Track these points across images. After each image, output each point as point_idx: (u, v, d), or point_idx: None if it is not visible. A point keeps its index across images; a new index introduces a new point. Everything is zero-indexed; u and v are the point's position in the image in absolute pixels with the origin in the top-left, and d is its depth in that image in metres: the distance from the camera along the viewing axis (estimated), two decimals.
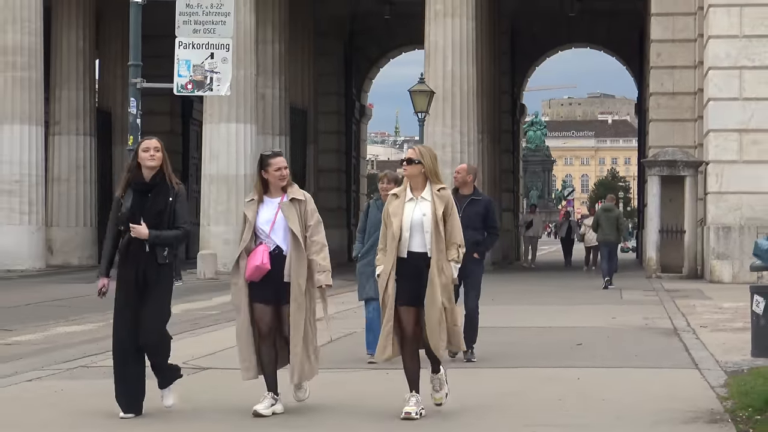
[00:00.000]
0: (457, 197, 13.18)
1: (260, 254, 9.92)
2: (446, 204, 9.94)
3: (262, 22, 36.79)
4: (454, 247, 9.88)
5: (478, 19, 35.65)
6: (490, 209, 14.04)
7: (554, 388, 11.56)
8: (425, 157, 10.12)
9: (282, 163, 10.10)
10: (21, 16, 35.77)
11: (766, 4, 27.16)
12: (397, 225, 9.85)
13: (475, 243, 13.51)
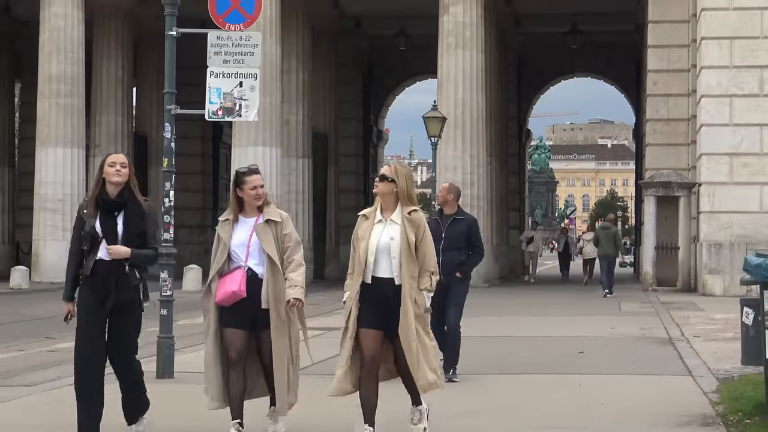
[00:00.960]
0: (441, 217, 12.91)
1: (237, 279, 8.78)
2: (418, 228, 8.68)
3: (287, 54, 36.87)
4: (427, 274, 8.70)
5: (487, 51, 35.70)
6: (473, 228, 13.06)
7: (557, 393, 11.56)
8: (399, 177, 8.78)
9: (258, 182, 9.11)
10: (65, 47, 35.93)
11: (754, 37, 27.16)
12: (364, 248, 8.68)
13: (459, 264, 12.80)
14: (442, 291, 11.60)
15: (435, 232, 11.41)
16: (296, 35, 38.05)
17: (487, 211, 35.74)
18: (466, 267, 12.97)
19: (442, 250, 12.25)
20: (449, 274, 12.41)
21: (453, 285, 12.62)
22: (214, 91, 12.70)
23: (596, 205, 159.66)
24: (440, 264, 11.26)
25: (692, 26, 30.54)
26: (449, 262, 12.51)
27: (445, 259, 12.20)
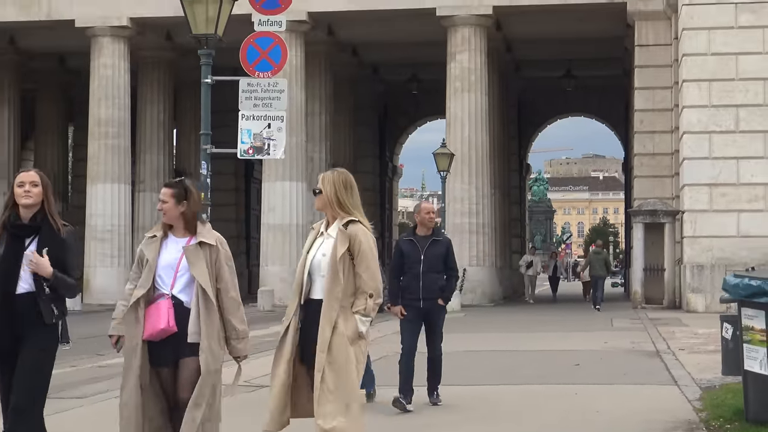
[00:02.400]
0: (416, 238, 11.26)
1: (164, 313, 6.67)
2: (352, 242, 6.88)
3: (310, 98, 36.99)
4: (364, 296, 6.83)
5: (490, 94, 35.76)
6: (451, 250, 11.52)
7: (555, 403, 11.50)
8: (326, 184, 7.09)
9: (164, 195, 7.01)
10: (112, 93, 36.14)
11: (730, 79, 27.15)
12: (301, 265, 7.11)
13: (441, 288, 11.22)
14: (419, 317, 11.07)
15: (412, 255, 11.09)
16: (319, 81, 38.17)
17: (491, 237, 35.71)
18: (448, 293, 11.42)
19: (422, 273, 11.07)
20: (431, 299, 11.12)
21: (434, 312, 11.25)
22: (245, 132, 12.74)
23: (590, 232, 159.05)
24: (421, 288, 10.99)
25: (674, 70, 30.56)
26: (430, 286, 11.12)
27: (426, 283, 11.07)
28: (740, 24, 27.14)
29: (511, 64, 43.30)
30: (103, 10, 35.62)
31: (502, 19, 35.61)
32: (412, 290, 11.07)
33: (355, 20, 36.18)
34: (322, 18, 35.64)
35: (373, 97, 48.64)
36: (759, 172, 26.85)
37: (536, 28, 36.96)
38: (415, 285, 11.07)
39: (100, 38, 36.00)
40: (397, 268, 11.25)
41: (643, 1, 32.42)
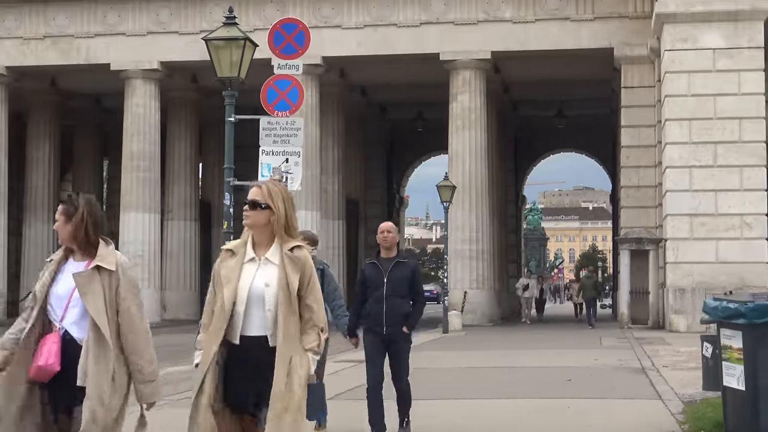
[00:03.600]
0: (379, 261, 9.79)
1: (47, 350, 5.25)
2: (303, 271, 5.42)
3: (324, 134, 37.08)
4: (315, 331, 5.42)
5: (489, 131, 35.81)
6: (417, 273, 9.94)
7: (549, 415, 11.45)
8: (276, 200, 5.52)
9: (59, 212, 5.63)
10: (143, 130, 36.26)
11: (709, 118, 27.16)
12: (229, 295, 5.35)
13: (405, 315, 9.69)
14: (382, 346, 9.71)
15: (375, 278, 9.71)
16: (332, 119, 38.27)
17: (490, 262, 35.67)
18: (413, 320, 9.85)
19: (386, 297, 9.60)
20: (394, 325, 9.63)
21: (399, 339, 9.74)
22: (265, 166, 12.76)
23: (580, 258, 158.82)
24: (384, 314, 9.58)
25: (658, 110, 30.59)
26: (394, 311, 9.61)
27: (389, 309, 9.59)
28: (718, 68, 27.19)
29: (508, 104, 43.38)
30: (135, 54, 35.80)
31: (499, 63, 35.70)
32: (375, 316, 9.66)
33: (365, 64, 36.31)
34: (335, 62, 35.76)
35: (381, 134, 48.73)
36: (735, 204, 26.83)
37: (531, 72, 37.06)
38: (378, 311, 9.63)
39: (132, 80, 36.16)
40: (360, 293, 9.90)
41: (629, 47, 32.50)
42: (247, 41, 12.37)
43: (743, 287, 24.80)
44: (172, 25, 35.58)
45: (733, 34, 27.07)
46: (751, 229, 26.72)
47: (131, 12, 35.78)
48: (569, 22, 33.36)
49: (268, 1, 34.75)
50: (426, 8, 34.09)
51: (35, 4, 36.25)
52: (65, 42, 36.27)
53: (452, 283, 33.56)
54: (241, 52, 12.26)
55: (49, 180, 41.02)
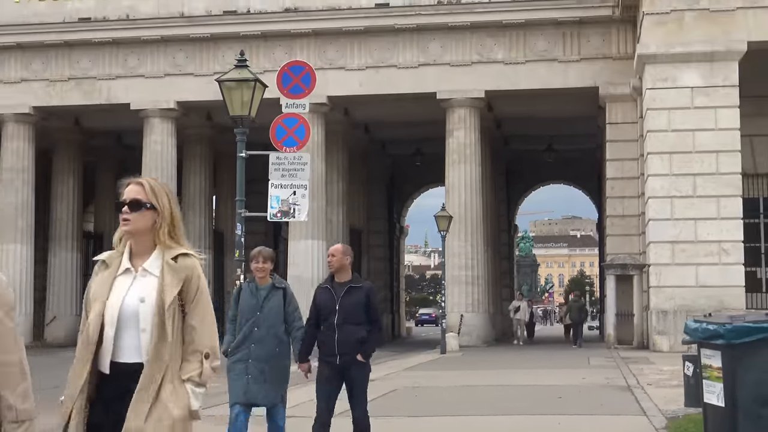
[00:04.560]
0: (333, 285, 8.66)
1: None
2: (187, 281, 4.17)
3: (329, 168, 37.13)
4: (197, 357, 4.15)
5: (483, 165, 35.87)
6: (372, 297, 8.72)
7: (541, 431, 11.39)
8: (161, 197, 4.35)
9: None
10: (161, 165, 36.32)
11: (688, 152, 27.18)
12: (97, 315, 4.13)
13: (360, 341, 8.54)
14: (336, 375, 8.61)
15: (327, 305, 8.62)
16: (337, 155, 38.34)
17: (484, 287, 35.62)
18: (369, 347, 8.65)
19: (338, 325, 8.51)
20: (348, 354, 8.51)
21: (353, 369, 8.58)
22: (274, 198, 12.77)
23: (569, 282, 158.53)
24: (336, 342, 8.51)
25: (640, 144, 30.63)
26: (347, 339, 8.52)
27: (342, 336, 8.51)
28: (696, 105, 27.25)
29: (501, 140, 43.47)
30: (153, 95, 35.93)
31: (492, 102, 35.81)
32: (327, 345, 8.60)
33: (367, 103, 36.43)
34: (339, 101, 35.88)
35: (383, 168, 48.81)
36: (714, 231, 26.81)
37: (522, 109, 37.17)
38: (331, 339, 8.56)
39: (151, 119, 36.27)
40: (312, 319, 8.81)
41: (613, 86, 32.61)
42: (257, 82, 12.43)
43: (722, 309, 24.73)
44: (187, 67, 35.73)
45: (709, 74, 27.15)
46: (728, 255, 26.68)
47: (149, 55, 35.95)
48: (557, 63, 33.49)
49: (276, 44, 34.91)
50: (424, 51, 34.24)
51: (61, 48, 36.43)
52: (88, 84, 36.42)
53: (449, 306, 33.52)
54: (251, 93, 12.32)
55: (72, 212, 41.06)
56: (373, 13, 34.10)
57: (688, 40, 27.27)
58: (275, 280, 9.14)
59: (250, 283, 9.08)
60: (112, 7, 36.21)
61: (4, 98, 36.77)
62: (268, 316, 8.91)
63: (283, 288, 9.14)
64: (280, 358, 8.97)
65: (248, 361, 8.77)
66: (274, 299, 9.00)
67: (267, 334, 8.85)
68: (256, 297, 8.93)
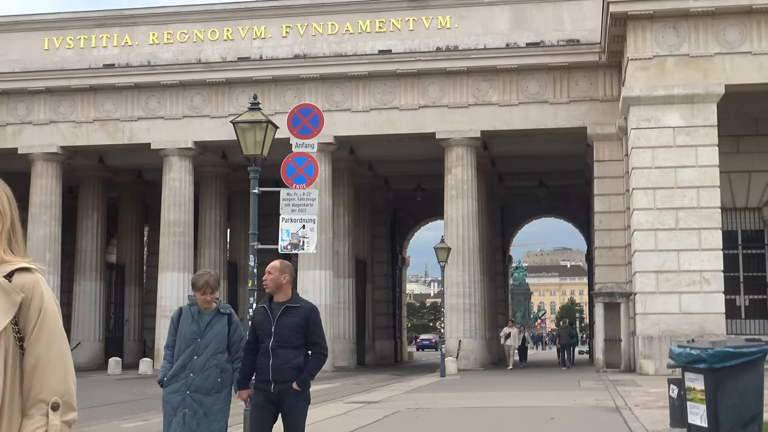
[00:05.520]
0: (270, 305, 7.55)
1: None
2: (22, 305, 2.67)
3: (336, 203, 37.18)
4: (39, 409, 2.62)
5: (479, 200, 35.89)
6: (312, 319, 7.45)
7: None
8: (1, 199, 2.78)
9: None
10: (179, 200, 36.37)
11: (671, 187, 27.20)
12: None
13: (296, 368, 7.30)
14: (270, 404, 7.41)
15: (263, 326, 7.48)
16: (343, 190, 38.40)
17: (481, 314, 35.54)
18: (307, 375, 7.35)
19: (272, 348, 7.35)
20: (282, 382, 7.30)
21: (288, 398, 7.33)
22: (284, 231, 12.77)
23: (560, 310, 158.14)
24: (270, 368, 7.34)
25: (626, 180, 30.67)
26: (282, 365, 7.32)
27: (276, 362, 7.33)
28: (677, 144, 27.31)
29: (496, 176, 43.54)
30: (172, 135, 36.07)
31: (488, 141, 35.90)
32: (261, 370, 7.45)
33: (371, 142, 36.53)
34: (345, 141, 35.99)
35: (386, 202, 48.84)
36: (695, 262, 26.77)
37: (515, 148, 37.26)
38: (265, 364, 7.40)
39: (170, 157, 36.37)
40: (251, 343, 7.62)
41: (600, 126, 32.69)
42: (269, 124, 12.46)
43: (704, 335, 24.65)
44: (204, 109, 35.88)
45: (690, 115, 27.23)
46: (709, 283, 26.62)
47: (169, 99, 36.13)
48: (548, 105, 33.60)
49: (287, 88, 35.07)
50: (423, 94, 34.38)
51: (86, 92, 36.62)
52: (112, 125, 36.56)
53: (448, 332, 33.41)
54: (264, 133, 12.35)
55: (96, 244, 41.07)
56: (377, 60, 34.28)
57: (670, 84, 27.37)
58: (220, 305, 8.03)
59: (191, 306, 7.95)
60: (135, 55, 36.45)
61: (34, 139, 36.93)
62: (210, 344, 7.69)
63: (228, 314, 7.96)
64: (222, 388, 7.70)
65: (186, 393, 7.52)
66: (217, 325, 7.81)
67: (207, 362, 7.62)
68: (198, 323, 7.76)
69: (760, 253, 30.77)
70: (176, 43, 36.19)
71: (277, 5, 36.00)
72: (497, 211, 47.09)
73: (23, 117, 37.02)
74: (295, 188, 13.05)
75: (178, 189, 36.35)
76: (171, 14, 36.57)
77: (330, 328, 34.96)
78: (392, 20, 34.67)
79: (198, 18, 36.21)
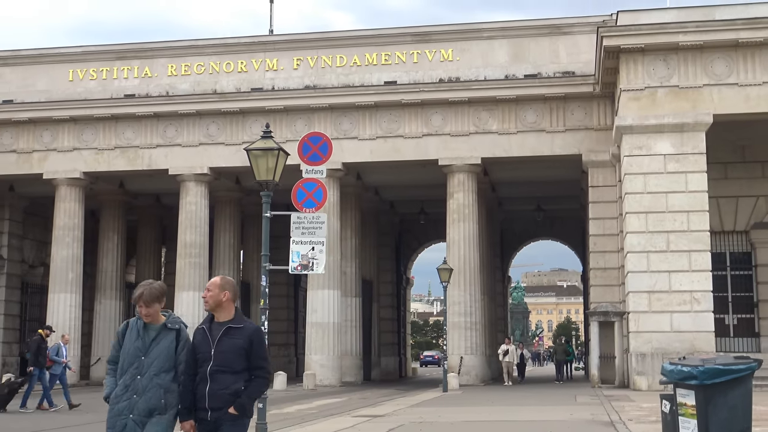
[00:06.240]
0: (210, 326, 6.62)
1: None
2: None
3: (343, 226, 37.18)
4: None
5: (480, 223, 35.87)
6: (257, 340, 6.56)
7: None
8: None
9: None
10: (195, 223, 36.40)
11: (662, 212, 27.17)
12: None
13: (235, 394, 6.39)
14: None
15: (202, 349, 6.55)
16: (350, 214, 38.41)
17: (482, 332, 35.44)
18: (246, 399, 6.45)
19: (211, 374, 6.44)
20: (219, 409, 6.40)
21: (225, 426, 6.44)
22: (295, 253, 12.77)
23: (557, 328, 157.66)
24: (207, 395, 6.44)
25: (619, 205, 30.64)
26: (220, 391, 6.41)
27: (213, 388, 6.42)
28: (668, 170, 27.30)
29: (495, 201, 43.54)
30: (189, 162, 36.16)
31: (488, 167, 35.93)
32: (200, 397, 6.51)
33: (377, 168, 36.57)
34: (352, 167, 36.05)
35: (391, 225, 48.84)
36: (686, 282, 26.69)
37: (514, 174, 37.28)
38: (202, 391, 6.50)
39: (186, 183, 36.44)
40: (189, 366, 6.63)
41: (594, 153, 32.71)
42: (281, 151, 12.49)
43: (694, 352, 24.53)
44: (219, 137, 35.99)
45: (679, 143, 27.25)
46: (699, 303, 26.53)
47: (186, 127, 36.25)
48: (545, 133, 33.65)
49: (297, 117, 35.17)
50: (427, 123, 34.46)
51: (108, 121, 36.77)
52: (132, 152, 36.68)
53: (450, 349, 33.30)
54: (275, 160, 12.39)
55: (116, 265, 41.09)
56: (383, 90, 34.39)
57: (661, 114, 27.41)
58: (169, 319, 6.79)
59: (138, 320, 6.75)
60: (154, 85, 36.62)
61: (59, 165, 37.06)
62: (154, 362, 6.62)
63: (176, 329, 6.78)
64: (165, 410, 6.60)
65: (129, 416, 6.52)
66: (163, 342, 6.68)
67: (150, 383, 6.56)
68: (143, 338, 6.65)
69: (748, 274, 30.68)
70: (193, 74, 36.36)
71: (288, 39, 36.19)
72: (497, 233, 47.06)
73: (48, 144, 37.17)
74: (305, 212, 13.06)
75: (194, 212, 36.39)
76: (188, 47, 36.77)
77: (338, 344, 34.87)
78: (397, 53, 34.81)
79: (214, 51, 36.38)
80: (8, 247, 41.03)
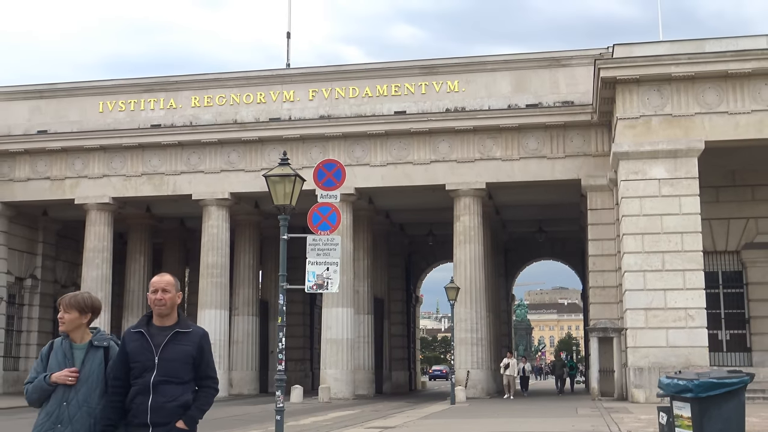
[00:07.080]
0: (149, 329, 5.43)
1: None
2: None
3: (356, 247, 37.16)
4: None
5: (485, 244, 35.80)
6: (207, 348, 5.51)
7: None
8: None
9: None
10: (216, 245, 36.46)
11: (657, 233, 27.07)
12: None
13: (183, 406, 5.30)
14: None
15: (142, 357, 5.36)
16: (362, 236, 38.40)
17: (487, 347, 35.27)
18: (196, 411, 5.38)
19: (155, 384, 5.29)
20: (164, 424, 5.27)
21: None
22: (310, 273, 12.76)
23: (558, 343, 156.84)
24: (149, 409, 5.28)
25: (617, 227, 30.55)
26: (165, 404, 5.29)
27: (159, 400, 5.29)
28: (663, 194, 27.24)
29: (499, 223, 43.48)
30: (211, 188, 36.28)
31: (492, 192, 35.91)
32: (138, 411, 5.32)
33: (388, 193, 36.60)
34: (364, 192, 36.09)
35: (401, 247, 48.81)
36: (680, 300, 26.55)
37: (517, 198, 37.24)
38: (142, 404, 5.32)
39: (209, 207, 36.55)
40: (118, 377, 5.40)
41: (593, 178, 32.67)
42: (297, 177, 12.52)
43: (689, 367, 24.34)
44: (239, 164, 36.11)
45: (673, 168, 27.20)
46: (693, 319, 26.37)
47: (208, 155, 36.40)
48: (546, 159, 33.64)
49: (312, 145, 35.28)
50: (435, 150, 34.51)
51: (135, 149, 36.96)
52: (158, 178, 36.83)
53: (458, 364, 33.16)
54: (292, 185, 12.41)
55: (143, 285, 41.11)
56: (393, 120, 34.48)
57: (655, 140, 27.38)
58: (96, 336, 5.60)
59: (63, 340, 5.54)
60: (178, 116, 36.83)
61: (89, 190, 37.23)
62: (83, 386, 5.44)
63: (104, 347, 5.59)
64: None
65: None
66: (92, 363, 5.50)
67: (79, 410, 5.38)
68: (70, 359, 5.48)
69: (739, 291, 30.51)
70: (215, 105, 36.57)
71: (304, 72, 36.38)
72: (501, 254, 46.97)
73: (80, 171, 37.37)
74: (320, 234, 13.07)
75: (216, 235, 36.46)
76: (211, 80, 36.99)
77: (351, 359, 34.76)
78: (406, 85, 34.93)
79: (235, 83, 36.59)
80: (42, 268, 41.18)
